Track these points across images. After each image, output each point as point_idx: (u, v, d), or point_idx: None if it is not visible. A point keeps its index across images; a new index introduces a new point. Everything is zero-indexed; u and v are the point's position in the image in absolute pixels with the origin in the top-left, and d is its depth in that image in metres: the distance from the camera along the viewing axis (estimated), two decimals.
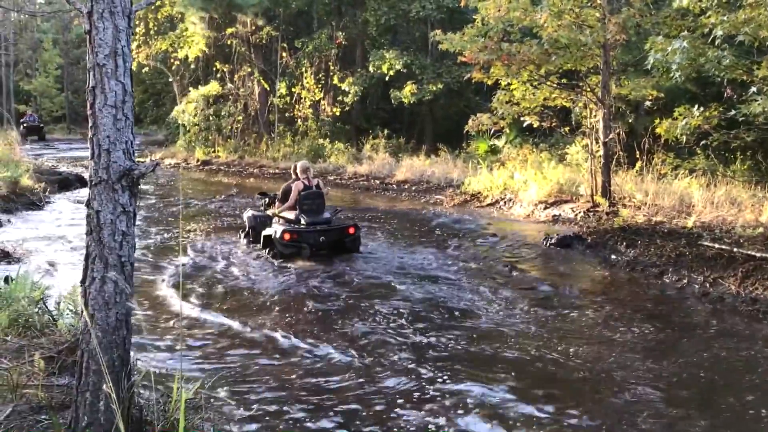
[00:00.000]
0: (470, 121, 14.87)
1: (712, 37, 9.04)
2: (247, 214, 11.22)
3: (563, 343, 6.45)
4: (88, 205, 3.51)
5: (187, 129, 27.67)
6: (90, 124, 3.49)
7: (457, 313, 7.50)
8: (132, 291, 3.62)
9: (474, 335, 6.71)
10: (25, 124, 36.42)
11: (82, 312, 3.58)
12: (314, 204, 9.89)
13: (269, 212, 10.60)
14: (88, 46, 3.47)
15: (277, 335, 6.58)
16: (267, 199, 11.12)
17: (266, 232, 10.00)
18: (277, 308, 7.62)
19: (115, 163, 3.47)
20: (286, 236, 9.45)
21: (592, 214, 12.98)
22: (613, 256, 10.37)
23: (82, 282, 3.54)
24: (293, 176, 10.55)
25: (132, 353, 4.32)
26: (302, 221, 9.77)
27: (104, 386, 3.10)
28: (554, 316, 7.40)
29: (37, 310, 5.73)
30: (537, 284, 8.88)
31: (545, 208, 14.33)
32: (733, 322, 7.33)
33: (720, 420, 4.92)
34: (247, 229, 11.11)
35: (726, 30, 8.73)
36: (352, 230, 9.93)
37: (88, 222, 3.52)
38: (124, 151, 3.50)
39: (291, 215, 9.92)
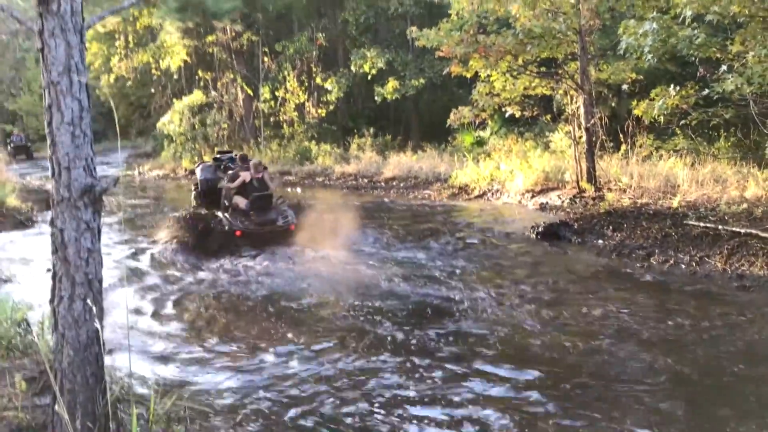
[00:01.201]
0: (452, 115, 14.88)
1: (682, 17, 9.03)
2: (200, 175, 12.32)
3: (554, 337, 6.39)
4: (51, 224, 3.50)
5: (174, 139, 27.59)
6: (49, 143, 3.47)
7: (446, 310, 7.41)
8: (102, 307, 3.61)
9: (464, 333, 6.65)
10: (12, 144, 36.30)
11: (53, 331, 3.57)
12: (264, 204, 11.15)
13: (220, 174, 11.92)
14: (41, 65, 3.46)
15: (263, 342, 6.54)
16: (221, 164, 12.25)
17: (222, 219, 10.97)
18: (263, 313, 7.58)
19: (76, 181, 3.45)
20: (238, 233, 10.67)
21: (578, 200, 13.01)
22: (600, 241, 10.38)
23: (51, 301, 3.53)
24: (240, 164, 11.68)
25: (112, 367, 4.33)
26: (252, 218, 10.93)
27: (56, 407, 3.08)
28: (543, 309, 7.30)
29: (20, 331, 5.71)
30: (525, 276, 8.84)
31: (532, 196, 14.36)
32: (721, 301, 7.33)
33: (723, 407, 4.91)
34: (199, 190, 12.27)
35: (695, 9, 8.72)
36: (292, 227, 11.02)
37: (52, 241, 3.50)
38: (84, 168, 3.48)
39: (242, 204, 11.02)
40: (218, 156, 12.92)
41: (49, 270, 9.93)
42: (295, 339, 6.58)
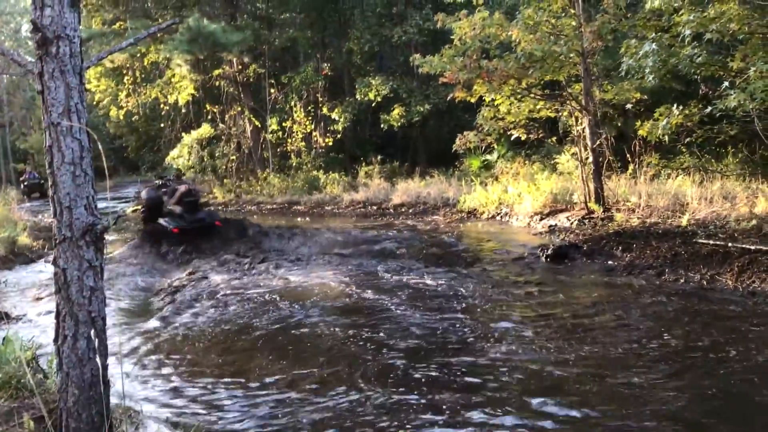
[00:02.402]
0: (457, 140, 14.93)
1: (681, 36, 9.06)
2: (144, 194, 15.02)
3: (570, 367, 6.15)
4: (54, 263, 3.52)
5: (183, 172, 27.81)
6: (50, 183, 3.51)
7: (457, 338, 7.20)
8: (106, 345, 3.61)
9: (475, 362, 6.44)
10: (26, 183, 36.46)
11: (57, 370, 3.58)
12: (193, 207, 13.96)
13: (165, 198, 14.37)
14: (41, 106, 3.50)
15: (269, 375, 6.47)
16: (161, 181, 15.44)
17: (162, 222, 13.67)
18: (267, 344, 7.49)
19: (77, 220, 3.48)
20: (175, 230, 13.29)
21: (587, 221, 12.97)
22: (609, 262, 10.33)
23: (55, 341, 3.55)
24: (176, 181, 14.94)
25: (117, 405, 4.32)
26: (185, 218, 13.61)
27: None
28: (556, 335, 7.07)
29: (29, 370, 5.70)
30: (535, 300, 8.70)
31: (541, 219, 14.34)
32: (735, 320, 7.21)
33: None
34: (144, 208, 14.84)
35: (693, 29, 8.75)
36: (218, 223, 14.09)
37: (55, 280, 3.52)
38: (85, 207, 3.51)
39: (178, 209, 13.76)
40: (161, 178, 16.27)
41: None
42: (301, 371, 6.49)
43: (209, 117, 28.84)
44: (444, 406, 5.40)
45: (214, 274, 11.02)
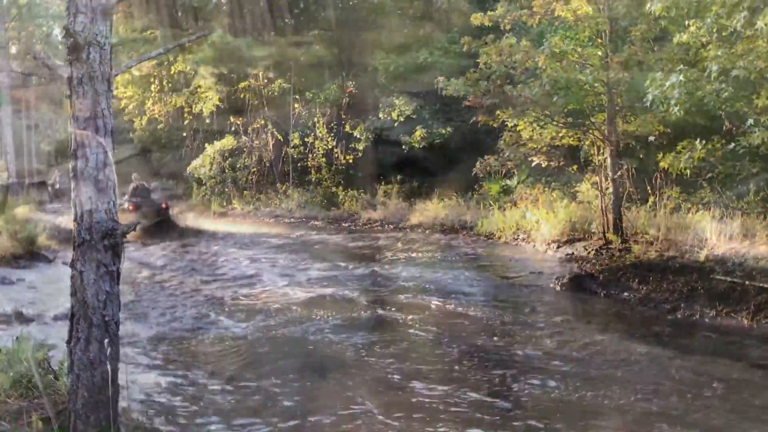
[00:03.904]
0: (477, 164, 14.91)
1: (708, 72, 9.04)
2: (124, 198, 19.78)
3: (586, 408, 6.03)
4: (72, 266, 3.56)
5: (204, 183, 28.02)
6: (72, 186, 3.56)
7: (468, 369, 7.12)
8: (118, 350, 3.64)
9: (491, 397, 6.31)
10: (56, 186, 36.45)
11: (68, 372, 3.61)
12: (142, 193, 19.30)
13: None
14: (69, 110, 3.55)
15: (283, 387, 6.47)
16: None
17: (123, 205, 17.80)
18: (280, 358, 7.51)
19: (97, 224, 3.53)
20: (131, 207, 18.17)
21: (604, 251, 12.88)
22: (625, 294, 10.26)
23: (68, 342, 3.58)
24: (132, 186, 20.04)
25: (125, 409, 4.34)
26: (139, 200, 18.86)
27: None
28: (571, 372, 6.93)
29: (40, 370, 5.74)
30: (548, 332, 8.57)
31: (558, 247, 14.26)
32: (749, 359, 7.13)
33: None
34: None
35: (721, 64, 8.73)
36: (164, 206, 19.33)
37: (72, 283, 3.56)
38: (106, 212, 3.56)
39: (134, 200, 18.80)
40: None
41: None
42: (324, 395, 6.43)
43: (232, 129, 29.03)
44: None
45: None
